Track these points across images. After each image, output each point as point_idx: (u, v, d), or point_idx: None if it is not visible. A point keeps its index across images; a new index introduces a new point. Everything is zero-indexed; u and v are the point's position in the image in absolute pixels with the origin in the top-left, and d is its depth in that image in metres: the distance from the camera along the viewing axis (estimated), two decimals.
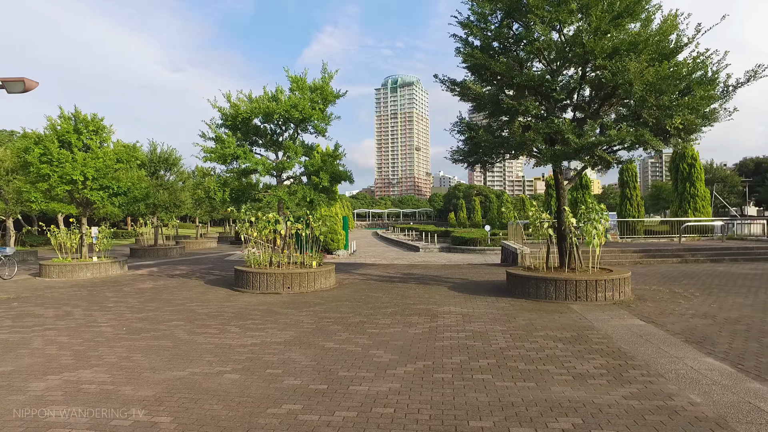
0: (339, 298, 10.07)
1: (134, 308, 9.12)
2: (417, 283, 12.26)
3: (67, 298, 10.49)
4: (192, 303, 9.62)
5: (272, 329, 7.34)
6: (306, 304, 9.42)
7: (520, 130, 8.93)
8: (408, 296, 10.22)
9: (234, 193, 11.98)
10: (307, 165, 11.48)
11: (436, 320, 7.88)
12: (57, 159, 13.69)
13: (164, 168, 23.50)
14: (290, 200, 11.45)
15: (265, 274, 10.74)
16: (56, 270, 13.93)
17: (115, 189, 14.57)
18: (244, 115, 11.55)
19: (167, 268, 16.59)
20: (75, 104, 14.76)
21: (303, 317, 8.18)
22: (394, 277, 13.35)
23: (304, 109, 11.08)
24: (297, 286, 10.84)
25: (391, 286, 11.77)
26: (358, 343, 6.55)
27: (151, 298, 10.34)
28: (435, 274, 13.98)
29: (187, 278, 13.67)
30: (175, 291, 11.23)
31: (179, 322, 7.90)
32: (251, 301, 9.73)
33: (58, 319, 8.17)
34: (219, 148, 11.17)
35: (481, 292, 10.69)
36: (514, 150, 9.57)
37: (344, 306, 9.15)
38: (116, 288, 11.92)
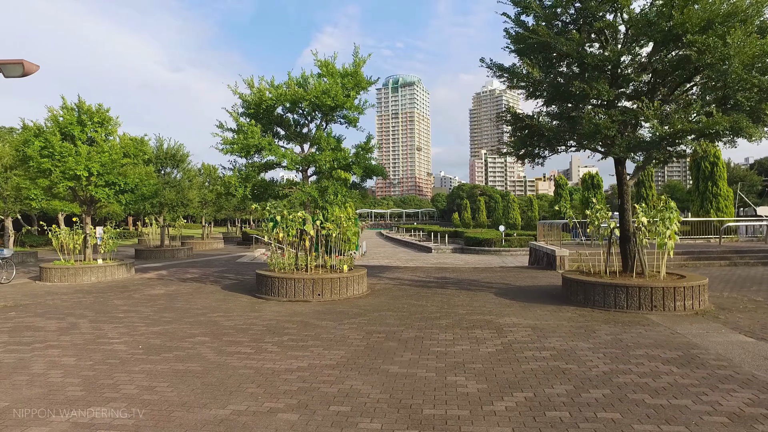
0: (378, 307, 8.94)
1: (148, 319, 7.98)
2: (457, 288, 11.13)
3: (71, 306, 9.35)
4: (213, 313, 8.47)
5: (317, 347, 6.20)
6: (344, 314, 8.28)
7: (595, 117, 7.78)
8: (455, 304, 9.09)
9: (257, 189, 10.84)
10: (339, 158, 10.36)
11: (505, 335, 6.75)
12: (59, 153, 12.55)
13: (171, 165, 22.36)
14: (321, 198, 10.33)
15: (292, 280, 9.60)
16: (58, 273, 12.78)
17: (122, 186, 13.42)
18: (268, 102, 10.40)
19: (177, 271, 15.44)
20: (78, 93, 13.67)
21: (347, 331, 7.04)
22: (429, 282, 12.21)
23: (337, 96, 9.94)
24: (328, 292, 9.70)
25: (430, 292, 10.63)
26: (428, 365, 5.42)
27: (165, 306, 9.20)
28: (471, 278, 12.85)
29: (201, 283, 12.53)
30: (191, 298, 10.09)
31: (203, 337, 6.75)
32: (280, 311, 8.59)
33: (62, 334, 7.03)
34: (242, 139, 10.01)
35: (534, 299, 9.56)
36: (582, 140, 8.42)
37: (389, 317, 8.02)
38: (125, 294, 10.77)
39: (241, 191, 10.22)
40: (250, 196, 10.50)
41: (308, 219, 9.59)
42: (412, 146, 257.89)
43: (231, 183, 10.16)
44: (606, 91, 7.63)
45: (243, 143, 9.98)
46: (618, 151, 7.89)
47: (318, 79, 10.27)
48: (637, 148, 7.83)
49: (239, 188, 10.21)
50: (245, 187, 10.39)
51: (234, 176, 10.31)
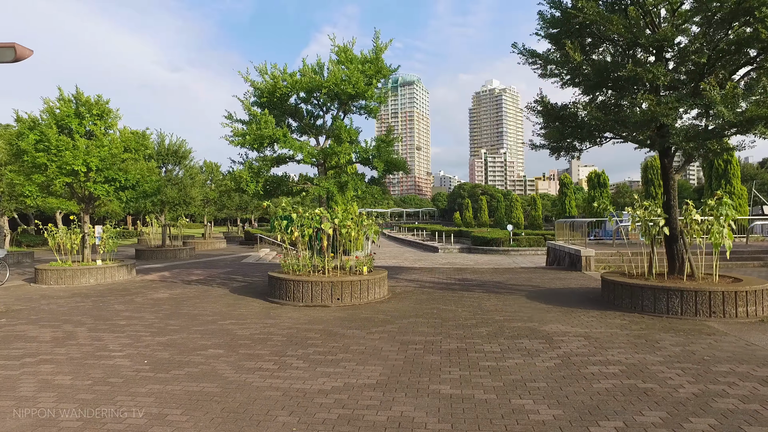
0: (405, 312, 8.15)
1: (153, 327, 7.18)
2: (483, 291, 10.35)
3: (67, 311, 8.56)
4: (225, 320, 7.68)
5: (349, 362, 5.41)
6: (369, 321, 7.50)
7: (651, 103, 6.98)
8: (487, 309, 8.31)
9: (269, 185, 10.03)
10: (360, 151, 9.55)
11: (557, 345, 5.97)
12: (55, 146, 11.74)
13: (173, 162, 21.53)
14: (340, 194, 9.54)
15: (309, 283, 8.82)
16: (54, 275, 11.98)
17: (122, 182, 12.62)
18: (283, 90, 9.59)
19: (180, 273, 14.64)
20: (76, 84, 12.87)
21: (378, 342, 6.26)
22: (452, 284, 11.43)
23: (358, 84, 9.14)
24: (348, 296, 8.91)
25: (456, 295, 9.85)
26: (483, 384, 4.64)
27: (171, 312, 8.40)
28: (494, 280, 12.07)
29: (208, 285, 11.73)
30: (198, 303, 9.30)
31: (217, 349, 5.96)
32: (298, 318, 7.80)
33: (57, 345, 6.23)
34: (254, 129, 9.19)
35: (572, 303, 8.79)
36: (628, 130, 7.64)
37: (421, 325, 7.23)
38: (126, 298, 9.98)
39: (253, 187, 9.40)
40: (262, 192, 9.70)
41: (326, 217, 8.81)
42: (412, 146, 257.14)
43: (242, 178, 9.37)
44: (663, 74, 6.85)
45: (256, 134, 9.15)
46: (677, 140, 7.10)
47: (336, 65, 9.44)
48: (697, 138, 7.05)
49: (251, 183, 9.40)
50: (257, 182, 9.59)
51: (245, 170, 9.50)
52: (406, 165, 10.22)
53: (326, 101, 10.32)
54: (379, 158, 9.69)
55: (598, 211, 53.67)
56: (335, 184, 9.63)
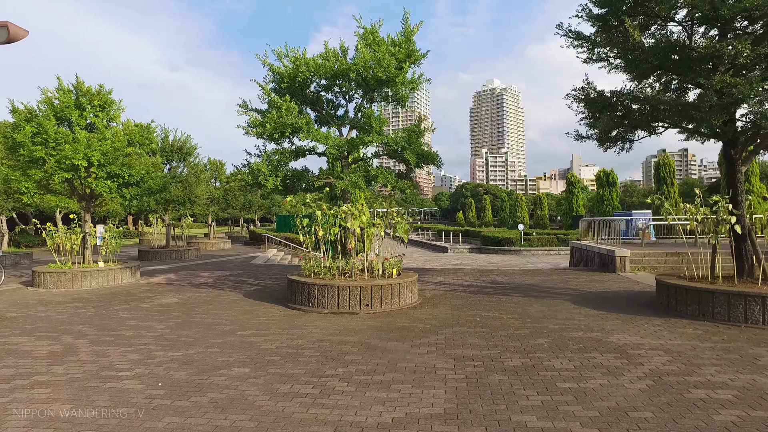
0: (445, 320, 7.28)
1: (164, 339, 6.32)
2: (521, 295, 9.48)
3: (67, 320, 7.69)
4: (244, 330, 6.81)
5: (402, 384, 4.55)
6: (408, 331, 6.63)
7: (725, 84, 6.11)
8: (536, 316, 7.44)
9: (288, 180, 9.15)
10: (390, 142, 8.64)
11: (638, 362, 5.11)
12: (54, 139, 10.87)
13: (178, 158, 20.66)
14: (368, 189, 8.66)
15: (335, 288, 7.95)
16: (53, 278, 11.11)
17: (126, 178, 11.75)
18: (305, 75, 8.70)
19: (187, 275, 13.78)
20: (76, 73, 12.03)
21: (428, 357, 5.39)
22: (483, 288, 10.56)
23: (389, 67, 8.24)
24: (378, 302, 8.05)
25: (493, 300, 8.99)
26: (576, 414, 3.78)
27: (182, 320, 7.53)
28: (526, 282, 11.20)
29: (218, 289, 10.86)
30: (212, 309, 8.43)
31: (242, 367, 5.10)
32: (327, 327, 6.93)
33: (55, 362, 5.36)
34: (275, 117, 8.28)
35: (626, 309, 7.93)
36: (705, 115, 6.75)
37: (468, 335, 6.36)
38: (131, 304, 9.11)
39: (272, 181, 8.51)
40: (281, 187, 8.80)
41: (355, 214, 7.95)
42: None
43: (260, 171, 8.48)
44: (749, 50, 5.98)
45: (277, 122, 8.24)
46: None
47: (365, 47, 8.50)
48: None
49: (269, 178, 8.51)
50: (276, 176, 8.69)
51: (263, 163, 8.61)
52: (439, 158, 9.36)
53: (349, 89, 9.44)
54: (410, 150, 8.78)
55: (606, 210, 53.03)
56: (363, 177, 8.74)
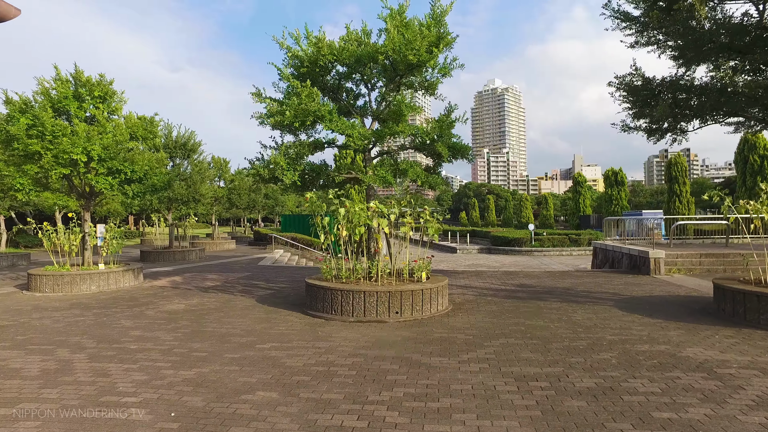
0: (486, 330, 6.50)
1: (174, 354, 5.54)
2: (559, 300, 8.69)
3: (64, 329, 6.91)
4: (264, 342, 6.03)
5: (464, 412, 3.77)
6: (450, 343, 5.85)
7: None
8: (585, 325, 6.66)
9: (307, 174, 8.35)
10: (421, 133, 7.82)
11: (738, 385, 4.32)
12: (51, 132, 10.10)
13: (181, 155, 19.88)
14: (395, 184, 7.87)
15: (361, 294, 7.16)
16: (50, 282, 10.34)
17: (128, 174, 10.97)
18: (327, 58, 7.89)
19: (193, 278, 13.00)
20: (75, 62, 11.23)
21: (483, 376, 4.61)
22: (514, 292, 9.77)
23: (420, 51, 7.42)
24: (408, 309, 7.26)
25: (530, 306, 8.20)
26: None
27: (192, 330, 6.75)
28: (560, 286, 10.41)
29: (228, 294, 10.09)
30: (224, 317, 7.65)
31: (268, 391, 4.32)
32: (356, 339, 6.14)
33: (48, 383, 4.59)
34: (295, 104, 7.46)
35: (683, 317, 7.14)
36: None
37: (519, 348, 5.58)
38: (134, 310, 8.34)
39: (290, 176, 7.70)
40: (299, 182, 8.00)
41: (384, 212, 7.17)
42: None
43: (278, 164, 7.67)
44: None
45: (298, 109, 7.42)
46: None
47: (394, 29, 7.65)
48: None
49: (287, 172, 7.70)
50: (294, 170, 7.88)
51: (281, 156, 7.79)
52: (470, 150, 8.54)
53: (371, 76, 8.64)
54: (443, 141, 7.96)
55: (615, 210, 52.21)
56: (391, 172, 7.93)
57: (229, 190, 28.68)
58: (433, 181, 8.25)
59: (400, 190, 8.12)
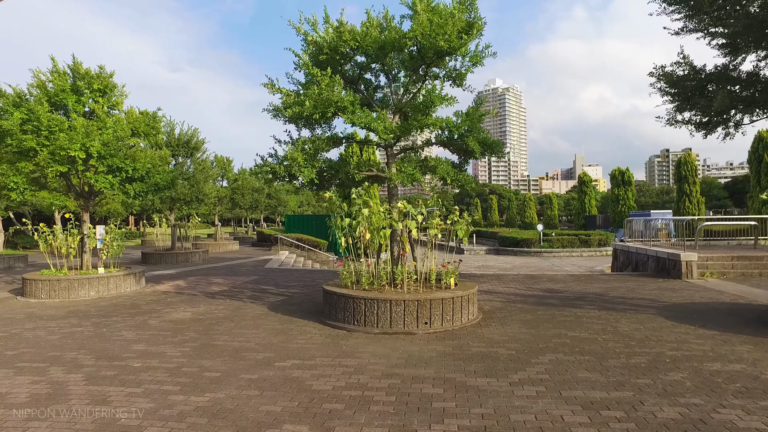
0: (527, 343, 5.83)
1: (182, 374, 4.88)
2: (595, 307, 8.03)
3: (59, 342, 6.26)
4: (283, 360, 5.38)
5: None
6: (492, 360, 5.19)
7: None
8: (635, 337, 6.00)
9: (326, 172, 7.68)
10: (451, 126, 7.12)
11: None
12: (47, 127, 9.45)
13: (184, 153, 19.23)
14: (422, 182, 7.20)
15: (387, 303, 6.51)
16: (46, 287, 9.69)
17: (129, 172, 10.31)
18: (349, 44, 7.20)
19: (198, 281, 12.35)
20: (73, 53, 10.58)
21: (545, 404, 3.95)
22: (545, 298, 9.11)
23: (451, 37, 6.73)
24: (438, 319, 6.61)
25: (568, 314, 7.54)
26: None
27: (201, 344, 6.10)
28: (590, 291, 9.75)
29: (237, 300, 9.43)
30: (235, 328, 6.99)
31: (298, 424, 3.66)
32: (387, 355, 5.48)
33: (36, 414, 3.93)
34: (315, 93, 6.76)
35: (744, 328, 6.48)
36: None
37: (570, 366, 4.92)
38: (137, 319, 7.68)
39: (308, 173, 7.03)
40: (317, 180, 7.32)
41: (412, 212, 6.53)
42: None
43: (295, 161, 6.98)
44: None
45: (318, 99, 6.72)
46: None
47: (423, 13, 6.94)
48: None
49: (305, 169, 7.02)
50: (312, 167, 7.20)
51: (298, 151, 7.09)
52: (503, 146, 7.84)
53: (392, 66, 7.96)
54: (474, 136, 7.27)
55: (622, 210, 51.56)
56: (419, 169, 7.26)
57: (233, 190, 28.05)
58: (463, 179, 7.58)
59: (429, 189, 7.45)
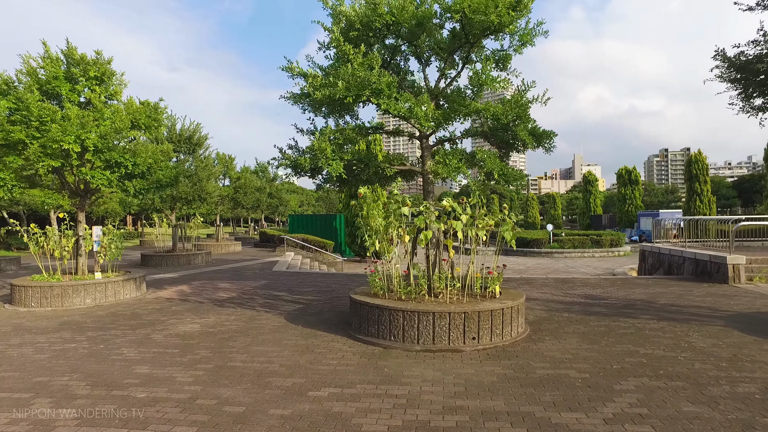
0: (598, 364, 4.97)
1: (197, 408, 4.00)
2: (652, 318, 7.17)
3: (48, 362, 5.38)
4: (316, 387, 4.49)
5: None
6: (566, 386, 4.32)
7: None
8: (722, 357, 5.15)
9: (355, 165, 6.78)
10: (499, 113, 6.18)
11: None
12: (37, 117, 8.55)
13: (186, 150, 18.32)
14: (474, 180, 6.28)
15: (430, 315, 5.64)
16: (37, 294, 8.79)
17: (129, 168, 9.41)
18: (385, 19, 6.29)
19: (204, 286, 11.45)
20: (67, 37, 9.69)
21: None
22: (590, 306, 8.25)
23: (502, 11, 5.82)
24: (486, 333, 5.75)
25: (622, 326, 6.68)
26: None
27: (215, 366, 5.22)
28: (636, 298, 8.89)
29: (249, 309, 8.55)
30: (252, 344, 6.10)
31: None
32: (440, 380, 4.61)
33: None
34: (348, 73, 5.79)
35: None
36: None
37: (668, 396, 4.06)
38: (138, 333, 6.80)
39: (336, 166, 6.12)
40: (345, 174, 6.41)
41: (457, 210, 5.68)
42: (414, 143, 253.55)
43: (323, 152, 6.06)
44: None
45: (351, 80, 5.79)
46: None
47: None
48: None
49: (333, 161, 6.11)
50: (341, 159, 6.29)
51: (326, 141, 6.17)
52: (554, 137, 6.89)
53: (425, 49, 7.07)
54: (523, 125, 6.34)
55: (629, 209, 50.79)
56: (465, 162, 6.37)
57: (235, 189, 27.12)
58: (511, 174, 6.70)
59: (475, 184, 6.58)
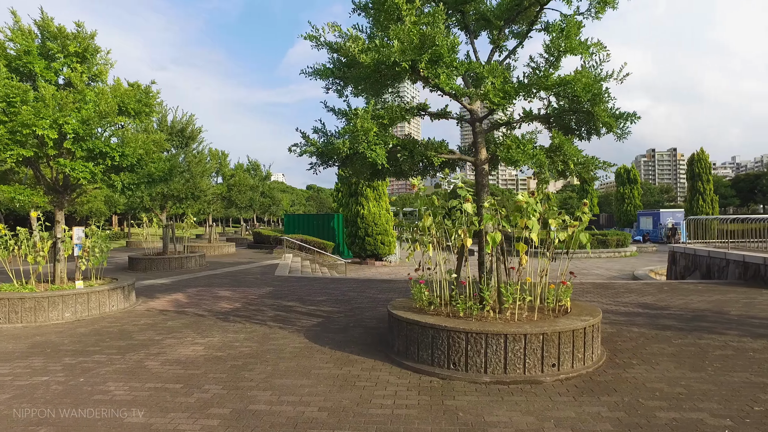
0: (730, 403, 3.87)
1: None
2: (738, 333, 6.10)
3: (5, 407, 4.10)
4: None
5: None
6: None
7: None
8: None
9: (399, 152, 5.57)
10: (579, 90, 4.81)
11: None
12: (4, 97, 7.21)
13: (178, 143, 16.92)
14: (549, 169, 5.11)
15: (500, 337, 4.49)
16: (4, 308, 7.44)
17: (117, 159, 8.10)
18: None
19: (201, 295, 10.15)
20: (41, 6, 8.33)
21: None
22: (654, 318, 7.17)
23: None
24: (567, 359, 4.61)
25: (714, 344, 5.60)
26: None
27: (233, 410, 4.00)
28: (696, 307, 7.85)
29: (259, 323, 7.31)
30: (274, 375, 4.88)
31: None
32: (537, 429, 3.45)
33: None
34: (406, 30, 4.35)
35: None
36: None
37: None
38: (129, 358, 5.53)
39: (380, 152, 4.87)
40: (387, 164, 5.18)
41: (531, 207, 4.56)
42: None
43: (368, 132, 4.75)
44: None
45: (410, 36, 4.47)
46: None
47: None
48: None
49: (376, 146, 4.86)
50: (385, 144, 5.06)
51: (368, 119, 4.89)
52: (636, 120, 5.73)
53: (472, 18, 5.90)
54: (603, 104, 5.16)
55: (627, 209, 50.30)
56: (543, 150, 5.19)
57: (229, 187, 25.68)
58: (592, 163, 5.57)
59: (550, 176, 5.45)
